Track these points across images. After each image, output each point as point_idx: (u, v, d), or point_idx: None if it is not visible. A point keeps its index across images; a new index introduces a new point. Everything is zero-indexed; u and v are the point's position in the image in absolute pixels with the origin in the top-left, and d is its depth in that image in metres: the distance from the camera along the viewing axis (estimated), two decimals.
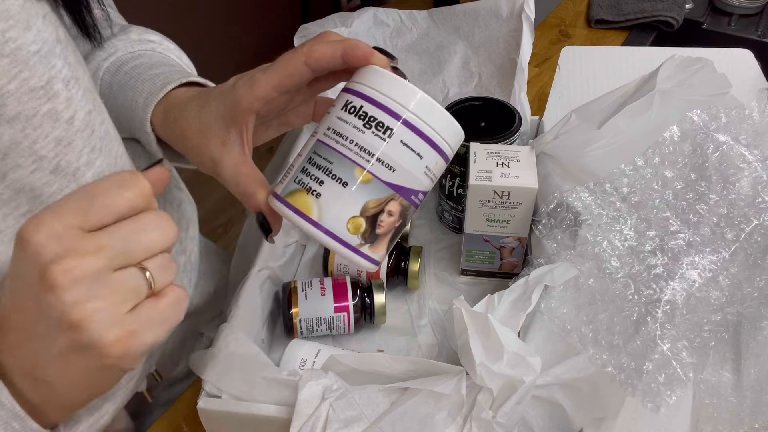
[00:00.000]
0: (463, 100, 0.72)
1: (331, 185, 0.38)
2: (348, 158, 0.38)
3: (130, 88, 0.52)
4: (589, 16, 1.13)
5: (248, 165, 0.43)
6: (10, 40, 0.40)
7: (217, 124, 0.43)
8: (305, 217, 0.38)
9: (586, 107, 0.62)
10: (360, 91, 0.39)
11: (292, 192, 0.39)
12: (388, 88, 0.38)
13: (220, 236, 1.90)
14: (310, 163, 0.39)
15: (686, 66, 0.59)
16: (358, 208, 0.38)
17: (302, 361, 0.58)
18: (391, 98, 0.38)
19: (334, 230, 0.38)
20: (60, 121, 0.44)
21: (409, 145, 0.38)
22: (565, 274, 0.51)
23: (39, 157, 0.43)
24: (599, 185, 0.55)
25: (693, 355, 0.45)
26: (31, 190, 0.44)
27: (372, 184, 0.38)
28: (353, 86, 0.39)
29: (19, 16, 0.40)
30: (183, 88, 0.50)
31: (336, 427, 0.46)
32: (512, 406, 0.45)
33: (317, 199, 0.38)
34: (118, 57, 0.55)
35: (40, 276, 0.31)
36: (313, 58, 0.40)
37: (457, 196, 0.71)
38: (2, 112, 0.40)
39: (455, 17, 0.82)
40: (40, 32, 0.42)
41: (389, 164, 0.38)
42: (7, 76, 0.40)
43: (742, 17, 1.18)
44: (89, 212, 0.32)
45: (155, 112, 0.50)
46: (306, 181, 0.38)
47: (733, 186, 0.50)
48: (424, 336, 0.64)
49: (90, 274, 0.31)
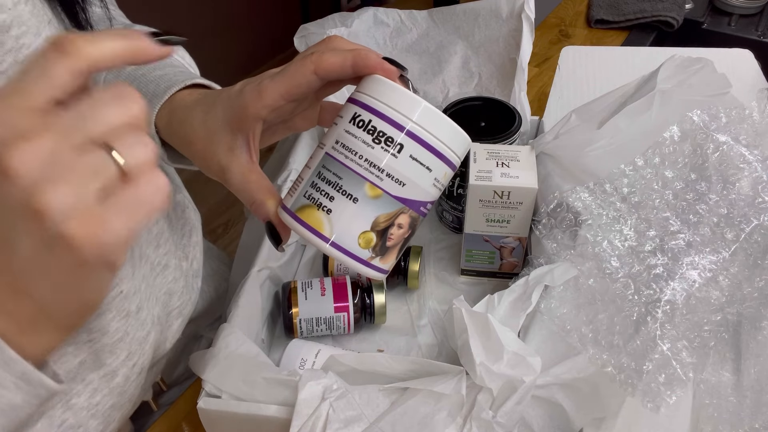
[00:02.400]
0: (463, 100, 0.72)
1: (342, 201, 0.37)
2: (357, 174, 0.37)
3: None
4: (589, 16, 1.14)
5: (256, 172, 0.43)
6: (24, 47, 0.39)
7: (223, 130, 0.43)
8: (316, 233, 0.38)
9: (586, 107, 0.62)
10: (368, 103, 0.38)
11: (303, 207, 0.38)
12: (397, 102, 0.38)
13: (220, 236, 1.91)
14: (320, 177, 0.38)
15: (686, 66, 0.59)
16: (368, 223, 0.38)
17: (302, 361, 0.58)
18: (400, 112, 0.37)
19: (345, 246, 0.38)
20: None
21: (418, 159, 0.38)
22: (565, 274, 0.51)
23: None
24: (599, 185, 0.55)
25: (693, 355, 0.45)
26: None
27: (382, 199, 0.38)
28: (361, 98, 0.39)
29: (30, 22, 0.40)
30: (188, 90, 0.50)
31: (336, 427, 0.46)
32: (512, 406, 0.45)
33: (328, 215, 0.38)
34: None
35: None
36: (323, 68, 0.39)
37: (457, 196, 0.71)
38: None
39: (455, 17, 0.82)
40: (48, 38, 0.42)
41: (398, 179, 0.38)
42: None
43: (742, 17, 1.18)
44: (33, 90, 0.29)
45: (160, 115, 0.49)
46: (316, 196, 0.38)
47: (733, 186, 0.50)
48: (424, 336, 0.64)
49: (44, 155, 0.28)
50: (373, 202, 0.37)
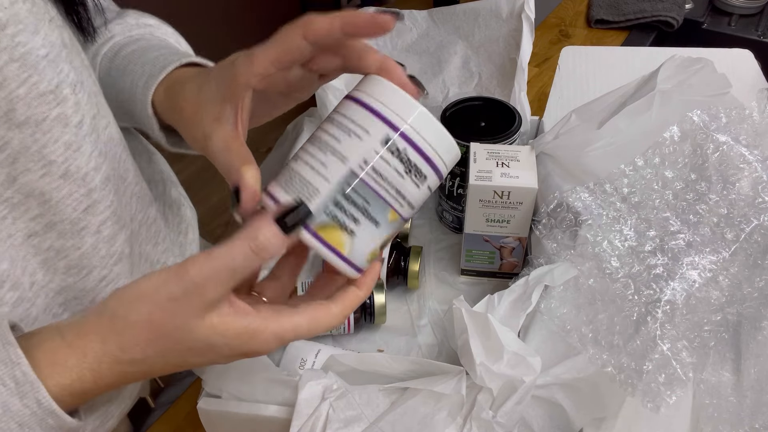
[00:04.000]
0: (463, 100, 0.72)
1: (366, 225, 0.38)
2: (385, 200, 0.38)
3: (129, 72, 0.51)
4: (589, 16, 1.14)
5: (239, 142, 0.42)
6: (20, 45, 0.39)
7: (214, 100, 0.43)
8: (336, 252, 0.38)
9: (586, 107, 0.62)
10: (405, 132, 0.38)
11: (325, 227, 0.38)
12: (434, 138, 0.39)
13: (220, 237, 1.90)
14: (346, 199, 0.38)
15: (686, 66, 0.59)
16: (380, 242, 0.40)
17: (302, 361, 0.58)
18: (436, 151, 0.39)
19: (358, 263, 0.39)
20: (69, 126, 0.44)
21: (432, 189, 0.41)
22: (565, 274, 0.51)
23: (48, 161, 0.43)
24: (599, 185, 0.55)
25: (693, 355, 0.45)
26: (40, 194, 0.44)
27: (397, 222, 0.40)
28: (394, 119, 0.38)
29: (28, 20, 0.40)
30: (184, 68, 0.50)
31: (336, 427, 0.46)
32: (512, 406, 0.45)
33: (350, 237, 0.38)
34: (115, 42, 0.55)
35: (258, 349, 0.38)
36: (311, 31, 0.38)
37: (457, 196, 0.71)
38: (12, 116, 0.40)
39: (455, 17, 0.82)
40: (48, 36, 0.42)
41: (414, 205, 0.40)
42: (17, 81, 0.40)
43: (742, 17, 1.18)
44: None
45: (157, 92, 0.49)
46: (341, 218, 0.38)
47: (733, 186, 0.50)
48: (424, 336, 0.64)
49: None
50: (390, 224, 0.39)
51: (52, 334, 0.37)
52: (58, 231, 0.46)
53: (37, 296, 0.46)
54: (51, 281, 0.47)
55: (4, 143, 0.41)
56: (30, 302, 0.46)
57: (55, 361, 0.36)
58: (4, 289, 0.43)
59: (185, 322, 0.36)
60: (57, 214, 0.45)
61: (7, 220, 0.43)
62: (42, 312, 0.47)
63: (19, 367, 0.35)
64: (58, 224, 0.45)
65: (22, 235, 0.44)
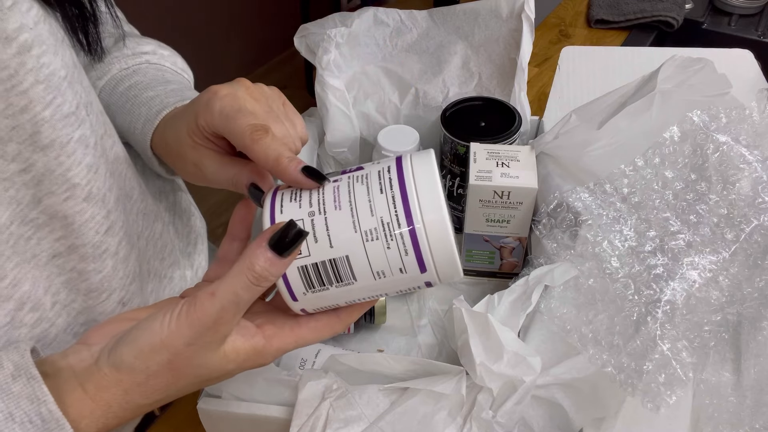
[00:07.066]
0: (463, 100, 0.72)
1: None
2: None
3: (127, 112, 0.52)
4: (589, 16, 1.14)
5: (228, 157, 0.43)
6: (44, 66, 0.39)
7: (185, 132, 0.44)
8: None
9: (586, 107, 0.62)
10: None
11: None
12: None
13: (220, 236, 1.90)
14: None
15: (686, 66, 0.59)
16: None
17: (302, 361, 0.58)
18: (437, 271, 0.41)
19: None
20: (89, 147, 0.43)
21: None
22: (565, 274, 0.51)
23: (72, 185, 0.43)
24: (599, 185, 0.55)
25: (693, 355, 0.45)
26: (63, 217, 0.43)
27: None
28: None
29: (49, 42, 0.40)
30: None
31: (336, 426, 0.46)
32: (512, 406, 0.45)
33: None
34: (112, 75, 0.55)
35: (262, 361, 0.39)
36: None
37: (457, 196, 0.71)
38: (36, 139, 0.39)
39: (455, 17, 0.82)
40: (64, 57, 0.41)
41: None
42: (42, 103, 0.39)
43: (742, 17, 1.18)
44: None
45: (153, 136, 0.50)
46: None
47: (733, 186, 0.50)
48: (424, 336, 0.64)
49: None
50: None
51: (70, 381, 0.36)
52: (80, 254, 0.45)
53: (59, 316, 0.46)
54: (74, 301, 0.47)
55: (29, 165, 0.40)
56: (50, 322, 0.46)
57: (82, 414, 0.36)
58: (24, 310, 0.43)
59: (203, 360, 0.36)
60: (79, 238, 0.45)
61: (32, 241, 0.42)
62: (62, 331, 0.47)
63: (45, 405, 0.35)
64: (80, 248, 0.45)
65: (46, 256, 0.44)
